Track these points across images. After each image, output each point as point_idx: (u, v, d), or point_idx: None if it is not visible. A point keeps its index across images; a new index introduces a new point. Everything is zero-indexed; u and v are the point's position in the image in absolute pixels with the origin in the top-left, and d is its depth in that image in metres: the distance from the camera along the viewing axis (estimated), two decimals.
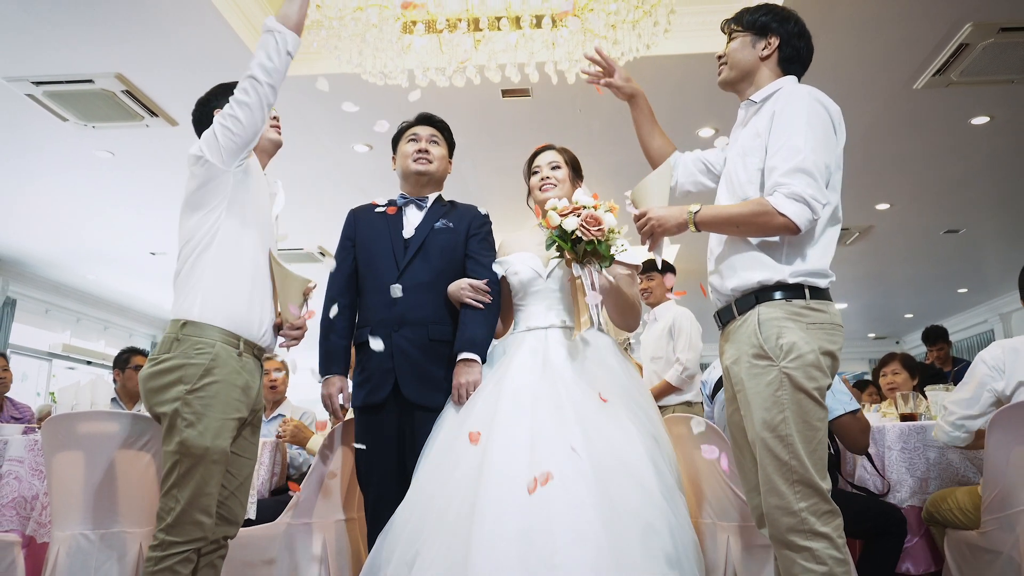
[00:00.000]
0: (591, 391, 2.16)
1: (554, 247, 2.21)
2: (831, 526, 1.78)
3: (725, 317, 2.04)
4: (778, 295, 1.91)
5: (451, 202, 2.70)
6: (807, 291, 1.92)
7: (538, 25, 3.77)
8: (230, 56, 4.47)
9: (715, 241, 2.12)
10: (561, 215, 2.16)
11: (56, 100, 4.94)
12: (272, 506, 2.76)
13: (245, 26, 4.40)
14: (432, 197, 2.65)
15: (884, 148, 5.81)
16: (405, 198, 2.64)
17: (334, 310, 2.50)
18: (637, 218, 2.06)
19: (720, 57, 2.17)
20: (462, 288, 2.43)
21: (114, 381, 4.35)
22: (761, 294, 1.93)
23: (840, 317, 1.96)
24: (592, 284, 2.18)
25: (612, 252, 2.19)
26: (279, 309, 2.27)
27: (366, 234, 2.59)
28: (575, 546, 1.79)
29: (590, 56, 2.37)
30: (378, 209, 2.63)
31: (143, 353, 4.59)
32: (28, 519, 2.69)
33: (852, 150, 5.67)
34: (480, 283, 2.43)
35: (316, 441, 3.08)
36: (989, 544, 2.38)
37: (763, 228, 1.89)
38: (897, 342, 13.85)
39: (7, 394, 4.64)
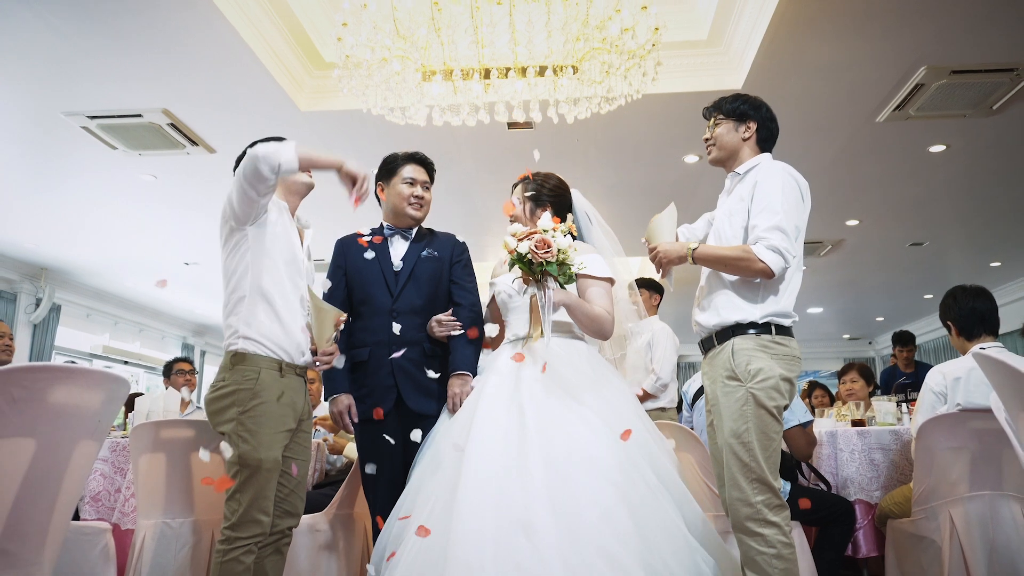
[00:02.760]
0: (556, 393, 2.21)
1: (515, 268, 2.29)
2: (780, 517, 2.09)
3: (707, 345, 2.34)
4: (751, 330, 2.22)
5: (430, 230, 2.76)
6: (774, 328, 2.22)
7: (541, 74, 4.07)
8: (264, 93, 4.75)
9: (703, 280, 2.41)
10: (518, 239, 2.24)
11: (108, 131, 5.20)
12: (317, 498, 3.04)
13: (278, 67, 4.67)
14: (415, 229, 2.72)
15: (852, 172, 6.08)
16: (392, 229, 2.70)
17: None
18: (650, 251, 2.38)
19: (707, 140, 2.45)
20: (432, 328, 2.56)
21: (166, 388, 4.66)
22: (736, 329, 2.23)
23: (799, 351, 2.26)
24: (544, 301, 2.28)
25: (571, 271, 2.25)
26: (315, 339, 2.40)
27: (356, 263, 2.64)
28: (530, 533, 1.87)
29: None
30: (364, 238, 2.69)
31: (186, 360, 4.92)
32: (113, 509, 2.97)
33: (824, 172, 6.03)
34: (444, 316, 2.56)
35: (352, 448, 3.34)
36: (918, 530, 2.67)
37: (745, 270, 2.20)
38: (870, 342, 14.09)
39: None
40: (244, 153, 2.51)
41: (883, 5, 3.94)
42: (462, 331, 2.56)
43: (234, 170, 2.54)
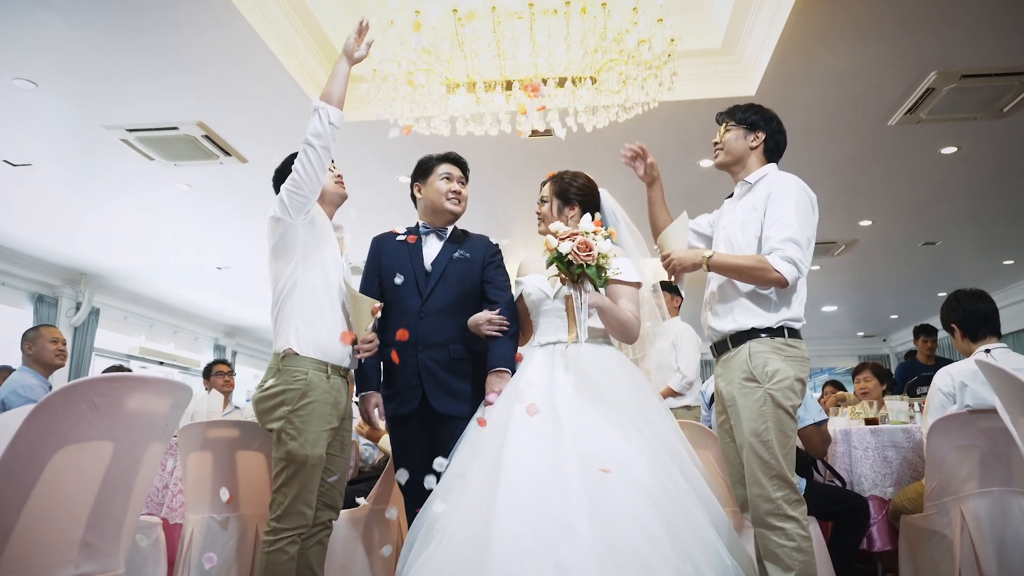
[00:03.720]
0: (589, 399, 2.20)
1: (552, 267, 2.25)
2: (799, 511, 2.15)
3: (720, 349, 2.39)
4: (764, 334, 2.27)
5: (464, 232, 2.73)
6: (786, 331, 2.28)
7: (561, 85, 4.13)
8: (294, 104, 4.84)
9: (714, 285, 2.45)
10: (560, 239, 2.20)
11: (146, 144, 5.33)
12: (352, 494, 3.10)
13: (307, 80, 4.77)
14: (450, 228, 2.70)
15: (865, 174, 6.07)
16: (427, 228, 2.68)
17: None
18: (663, 258, 2.43)
19: (716, 144, 2.51)
20: (480, 324, 2.49)
21: (206, 389, 4.78)
22: (752, 333, 2.28)
23: (808, 352, 2.31)
24: (581, 303, 2.24)
25: (607, 275, 2.22)
26: (354, 328, 2.48)
27: (390, 261, 2.62)
28: (569, 535, 1.86)
29: (631, 146, 2.61)
30: (399, 237, 2.67)
31: (224, 362, 5.05)
32: (161, 505, 3.08)
33: (837, 174, 6.04)
34: (495, 314, 2.50)
35: (387, 440, 3.43)
36: (930, 525, 2.71)
37: (759, 279, 2.26)
38: (884, 339, 13.99)
39: None
40: (283, 165, 2.62)
41: (893, 12, 3.96)
42: (510, 330, 2.51)
43: (274, 181, 2.64)
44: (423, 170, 2.74)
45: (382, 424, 2.63)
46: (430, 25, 3.89)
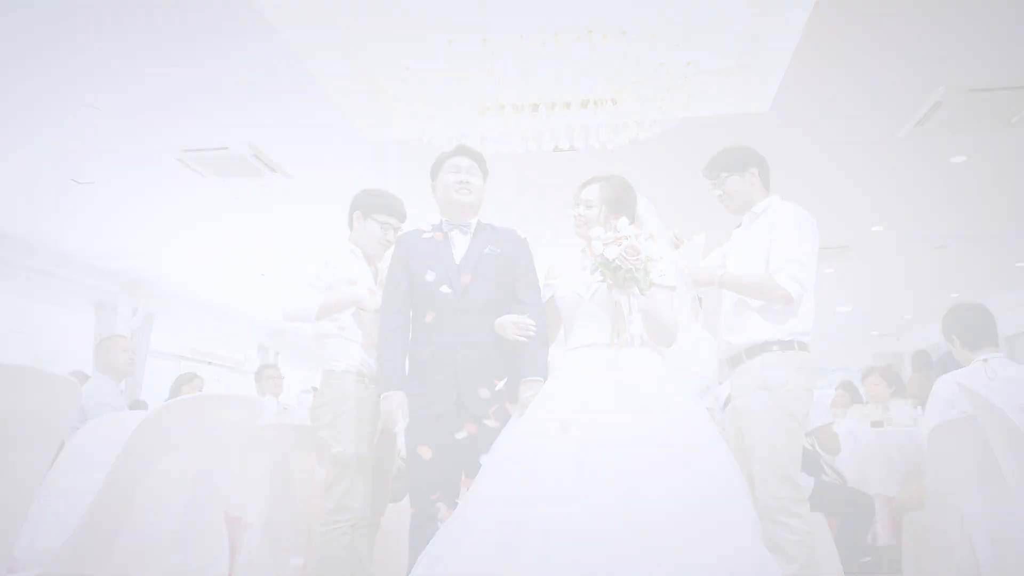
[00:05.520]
0: (625, 405, 2.10)
1: (598, 272, 2.17)
2: (802, 508, 2.27)
3: (735, 361, 2.52)
4: (775, 347, 2.39)
5: (489, 225, 2.59)
6: (796, 345, 2.40)
7: (584, 106, 4.26)
8: (333, 125, 5.02)
9: (728, 303, 2.58)
10: (604, 244, 2.12)
11: (199, 162, 5.53)
12: (395, 490, 3.27)
13: (346, 102, 4.93)
14: (474, 222, 2.55)
15: (876, 181, 6.07)
16: (450, 224, 2.54)
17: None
18: None
19: (721, 196, 2.61)
20: (506, 328, 2.37)
21: (261, 394, 5.00)
22: (764, 346, 2.41)
23: (814, 363, 2.43)
24: (629, 307, 2.17)
25: (651, 279, 2.12)
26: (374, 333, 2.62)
27: (418, 259, 2.48)
28: (600, 551, 1.79)
29: None
30: (425, 235, 2.54)
31: (273, 366, 5.26)
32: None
33: (848, 183, 6.02)
34: (522, 318, 2.37)
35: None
36: (931, 522, 2.77)
37: (767, 295, 2.39)
38: (898, 339, 13.85)
39: None
40: (353, 204, 2.83)
41: (902, 31, 3.99)
42: (535, 333, 2.37)
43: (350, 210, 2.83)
44: (435, 167, 2.64)
45: (403, 425, 2.42)
46: (462, 54, 4.04)
